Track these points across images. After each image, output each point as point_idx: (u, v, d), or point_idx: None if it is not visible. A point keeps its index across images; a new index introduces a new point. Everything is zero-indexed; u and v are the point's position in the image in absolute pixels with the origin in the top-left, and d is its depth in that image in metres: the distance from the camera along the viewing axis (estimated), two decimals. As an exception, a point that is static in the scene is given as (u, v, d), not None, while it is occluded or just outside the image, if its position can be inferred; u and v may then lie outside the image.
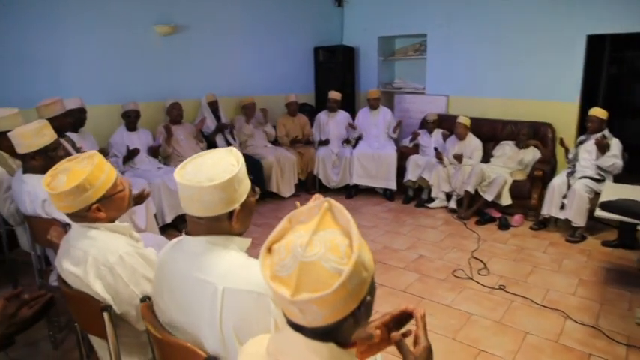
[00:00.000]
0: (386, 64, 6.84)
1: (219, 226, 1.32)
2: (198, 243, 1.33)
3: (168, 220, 4.41)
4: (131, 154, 4.48)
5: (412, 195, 5.49)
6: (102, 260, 1.56)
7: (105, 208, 1.63)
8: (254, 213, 1.48)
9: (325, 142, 5.85)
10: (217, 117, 5.38)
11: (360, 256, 0.83)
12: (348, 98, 6.62)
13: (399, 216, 5.01)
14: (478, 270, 3.64)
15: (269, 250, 0.90)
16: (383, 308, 3.15)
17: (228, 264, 1.29)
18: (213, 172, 1.27)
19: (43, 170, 2.38)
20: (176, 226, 4.59)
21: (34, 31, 4.11)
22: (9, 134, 2.29)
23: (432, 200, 5.24)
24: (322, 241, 0.85)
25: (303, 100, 6.52)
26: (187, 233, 1.38)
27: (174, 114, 4.92)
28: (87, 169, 1.60)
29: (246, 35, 5.87)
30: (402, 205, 5.39)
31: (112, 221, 1.69)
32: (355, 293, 0.84)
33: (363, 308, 0.88)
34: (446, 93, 6.09)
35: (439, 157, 5.14)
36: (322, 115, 5.99)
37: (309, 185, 5.91)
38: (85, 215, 1.62)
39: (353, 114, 6.18)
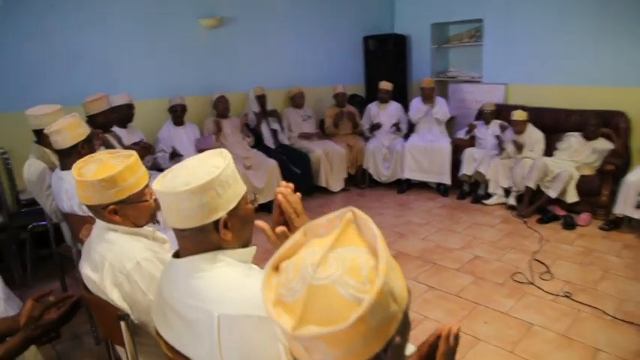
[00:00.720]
0: (439, 52, 6.47)
1: (207, 239, 1.14)
2: (185, 264, 1.15)
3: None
4: (175, 155, 4.47)
5: (468, 190, 5.14)
6: (118, 267, 1.45)
7: (122, 213, 1.52)
8: (252, 223, 1.24)
9: (377, 126, 5.57)
10: (264, 111, 5.28)
11: (387, 282, 0.64)
12: (400, 88, 6.33)
13: (453, 212, 4.71)
14: (540, 274, 3.31)
15: (276, 268, 0.72)
16: (433, 314, 2.93)
17: (223, 284, 1.10)
18: (191, 175, 1.10)
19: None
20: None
21: (83, 28, 4.18)
22: (45, 131, 2.27)
23: (489, 196, 4.88)
24: (340, 260, 0.66)
25: (352, 91, 6.30)
26: (176, 254, 1.20)
27: (221, 108, 4.86)
28: (118, 167, 1.51)
29: (292, 26, 5.72)
30: (456, 200, 5.07)
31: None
32: (379, 331, 0.65)
33: (390, 353, 0.67)
34: (504, 81, 5.66)
35: (501, 145, 4.76)
36: (373, 107, 5.75)
37: (358, 179, 5.71)
38: (101, 213, 1.52)
39: (405, 105, 5.89)
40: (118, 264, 1.45)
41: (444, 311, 2.90)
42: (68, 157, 2.33)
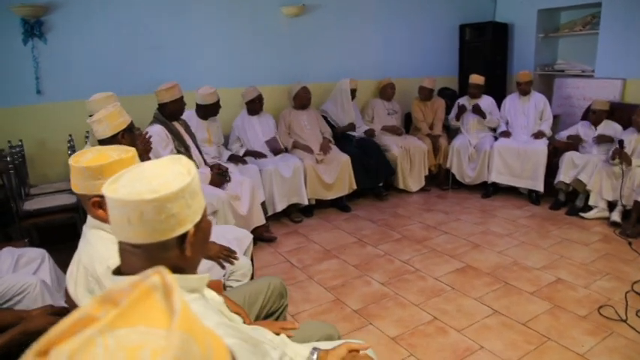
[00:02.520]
0: (546, 42, 5.71)
1: (165, 257, 0.96)
2: None
3: (279, 208, 4.26)
4: (256, 155, 4.43)
5: (564, 200, 4.46)
6: (90, 271, 1.34)
7: (106, 207, 1.41)
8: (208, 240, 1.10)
9: (463, 109, 5.10)
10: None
11: None
12: (498, 82, 5.72)
13: (542, 224, 4.11)
14: (637, 311, 2.70)
15: (43, 354, 0.46)
16: (491, 344, 2.43)
17: None
18: (156, 181, 0.93)
19: None
20: (289, 215, 4.44)
21: (164, 18, 4.26)
22: (87, 120, 2.28)
23: (588, 208, 4.17)
24: (114, 348, 0.43)
25: (444, 84, 5.81)
26: (117, 271, 1.02)
27: (304, 98, 4.68)
28: (110, 159, 1.41)
29: (380, 13, 5.39)
30: (548, 211, 4.42)
31: None
32: None
33: None
34: (622, 76, 4.81)
35: (619, 152, 3.87)
36: (463, 102, 5.24)
37: (441, 180, 5.26)
38: (87, 204, 1.43)
39: (502, 100, 5.27)
40: (90, 267, 1.34)
41: (505, 342, 2.47)
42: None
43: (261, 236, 3.98)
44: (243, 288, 2.05)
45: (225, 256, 2.29)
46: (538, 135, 4.69)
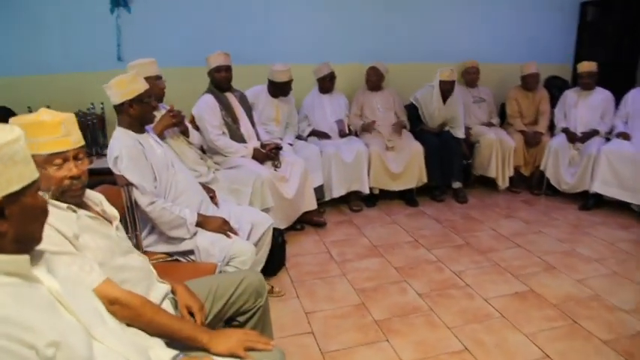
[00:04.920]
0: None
1: None
2: None
3: (336, 194, 3.90)
4: (321, 135, 4.14)
5: (689, 226, 3.45)
6: None
7: None
8: (41, 222, 0.97)
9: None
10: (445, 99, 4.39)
11: None
12: (626, 71, 4.64)
13: (649, 253, 3.21)
14: None
15: None
16: None
17: None
18: None
19: (129, 124, 2.20)
20: (348, 202, 4.07)
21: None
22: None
23: None
24: None
25: (553, 72, 4.88)
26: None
27: (370, 80, 4.26)
28: (36, 116, 1.32)
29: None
30: (664, 236, 3.46)
31: None
32: None
33: None
34: None
35: None
36: (570, 94, 4.30)
37: (534, 183, 4.44)
38: None
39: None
40: None
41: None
42: (119, 114, 2.17)
43: (310, 220, 3.69)
44: (214, 278, 1.77)
45: (224, 231, 2.20)
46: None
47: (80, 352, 0.93)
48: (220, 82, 3.31)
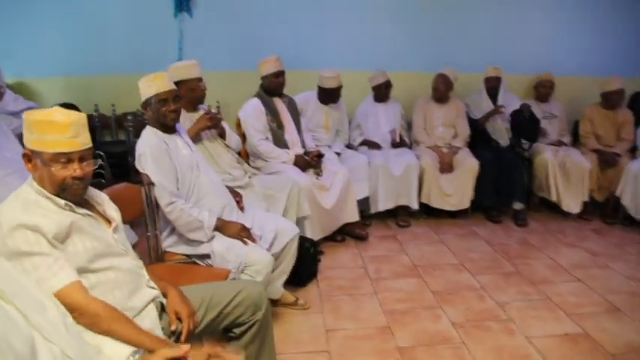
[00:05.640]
0: None
1: None
2: None
3: (382, 207, 3.71)
4: (371, 145, 3.98)
5: None
6: None
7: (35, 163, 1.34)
8: None
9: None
10: (494, 98, 4.10)
11: None
12: None
13: None
14: None
15: None
16: None
17: None
18: None
19: (153, 123, 2.21)
20: (395, 216, 3.86)
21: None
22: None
23: None
24: None
25: (635, 86, 4.32)
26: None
27: (441, 89, 3.93)
28: (50, 116, 1.30)
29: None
30: None
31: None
32: None
33: None
34: None
35: None
36: (660, 113, 3.79)
37: (608, 211, 3.94)
38: None
39: None
40: None
41: None
42: (146, 112, 2.22)
43: (351, 232, 3.55)
44: (211, 286, 1.70)
45: (242, 237, 2.14)
46: None
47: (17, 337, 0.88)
48: (276, 87, 3.28)
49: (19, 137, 2.38)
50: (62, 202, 1.35)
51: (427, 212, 3.92)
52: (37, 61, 3.95)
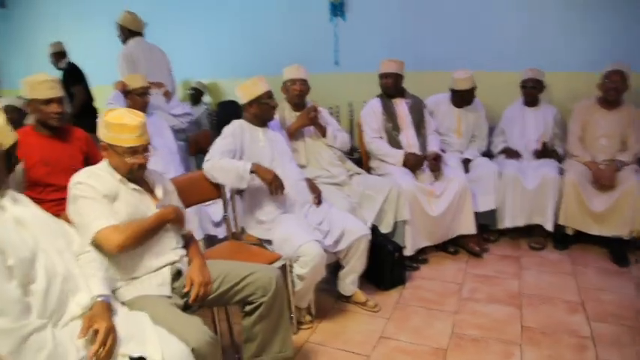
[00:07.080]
0: None
1: None
2: None
3: (510, 223, 3.28)
4: (510, 154, 3.53)
5: None
6: None
7: (107, 154, 1.79)
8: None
9: None
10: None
11: None
12: None
13: None
14: None
15: None
16: None
17: None
18: None
19: (250, 120, 2.57)
20: (530, 236, 3.36)
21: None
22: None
23: None
24: None
25: None
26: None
27: (613, 90, 3.11)
28: (125, 118, 1.70)
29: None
30: None
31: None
32: None
33: None
34: None
35: None
36: None
37: None
38: None
39: None
40: None
41: None
42: (243, 112, 2.56)
43: (465, 246, 3.27)
44: (230, 264, 1.93)
45: (274, 186, 2.31)
46: None
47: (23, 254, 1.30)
48: (386, 88, 3.29)
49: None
50: (118, 176, 1.74)
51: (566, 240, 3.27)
52: (222, 65, 4.82)
